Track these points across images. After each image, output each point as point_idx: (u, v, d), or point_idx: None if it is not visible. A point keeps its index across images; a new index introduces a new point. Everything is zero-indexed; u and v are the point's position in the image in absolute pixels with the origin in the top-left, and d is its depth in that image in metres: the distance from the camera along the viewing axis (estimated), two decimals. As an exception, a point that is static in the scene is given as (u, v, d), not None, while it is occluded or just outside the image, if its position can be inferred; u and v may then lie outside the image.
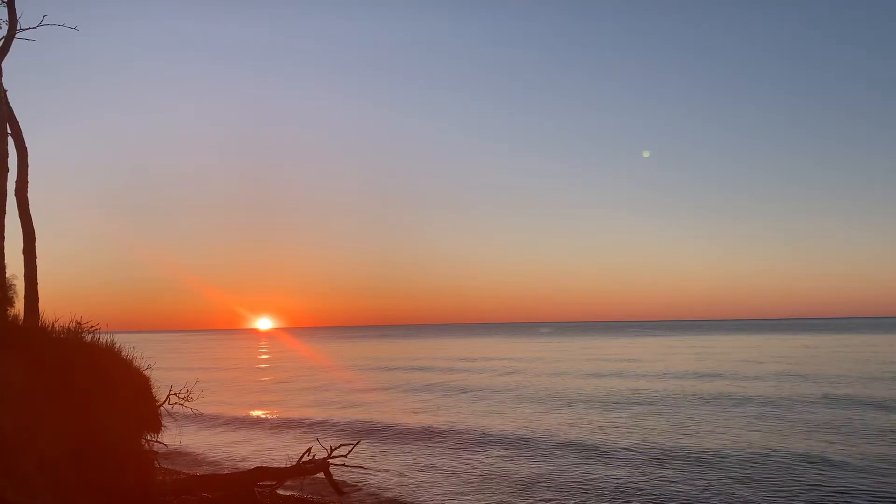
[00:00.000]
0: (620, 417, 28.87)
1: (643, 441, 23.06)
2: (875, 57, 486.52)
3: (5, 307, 14.11)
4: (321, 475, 17.39)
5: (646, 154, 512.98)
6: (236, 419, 31.92)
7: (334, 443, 19.23)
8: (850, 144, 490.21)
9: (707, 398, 34.47)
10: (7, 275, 14.56)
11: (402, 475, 19.46)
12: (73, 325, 13.50)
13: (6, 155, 15.07)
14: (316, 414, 32.97)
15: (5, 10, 15.56)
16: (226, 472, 19.02)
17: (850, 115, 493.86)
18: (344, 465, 17.69)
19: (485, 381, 47.87)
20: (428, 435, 25.66)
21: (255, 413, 34.34)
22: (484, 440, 24.28)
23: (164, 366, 40.02)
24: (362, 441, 22.04)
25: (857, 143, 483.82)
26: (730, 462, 19.74)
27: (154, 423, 13.99)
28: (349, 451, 17.95)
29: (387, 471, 20.00)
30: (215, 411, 32.99)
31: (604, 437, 24.10)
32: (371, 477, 19.09)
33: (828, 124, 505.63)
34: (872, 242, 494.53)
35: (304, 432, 27.15)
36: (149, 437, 14.04)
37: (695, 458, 20.33)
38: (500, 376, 51.90)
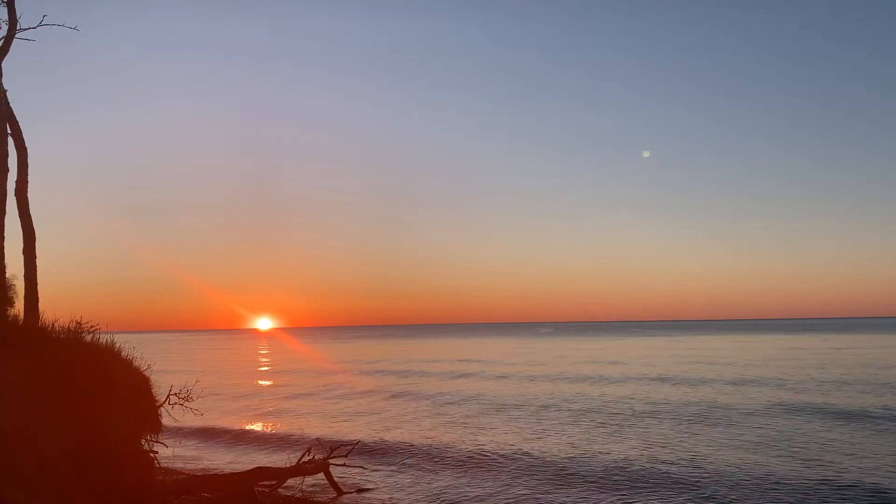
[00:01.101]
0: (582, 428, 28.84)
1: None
2: (875, 57, 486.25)
3: (5, 307, 14.12)
4: (321, 475, 17.40)
5: (646, 154, 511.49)
6: (236, 419, 31.91)
7: (334, 443, 19.26)
8: (850, 144, 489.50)
9: (659, 404, 32.58)
10: (7, 275, 14.56)
11: (402, 476, 19.46)
12: (73, 325, 13.51)
13: (6, 155, 15.08)
14: (316, 414, 32.99)
15: (5, 10, 15.58)
16: (226, 472, 19.01)
17: (850, 115, 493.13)
18: (344, 465, 17.70)
19: (482, 384, 47.89)
20: (429, 436, 25.66)
21: (255, 413, 34.34)
22: (483, 444, 24.29)
23: (164, 366, 40.01)
24: (362, 441, 22.05)
25: (857, 143, 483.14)
26: (627, 478, 18.19)
27: (154, 423, 13.99)
28: (349, 452, 17.96)
29: (387, 471, 20.00)
30: (215, 411, 33.00)
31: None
32: (371, 477, 19.09)
33: (828, 124, 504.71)
34: (872, 242, 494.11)
35: (304, 433, 27.13)
36: (149, 437, 14.05)
37: (594, 474, 18.80)
38: (494, 380, 51.93)
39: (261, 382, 54.08)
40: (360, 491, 17.68)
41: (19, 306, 14.82)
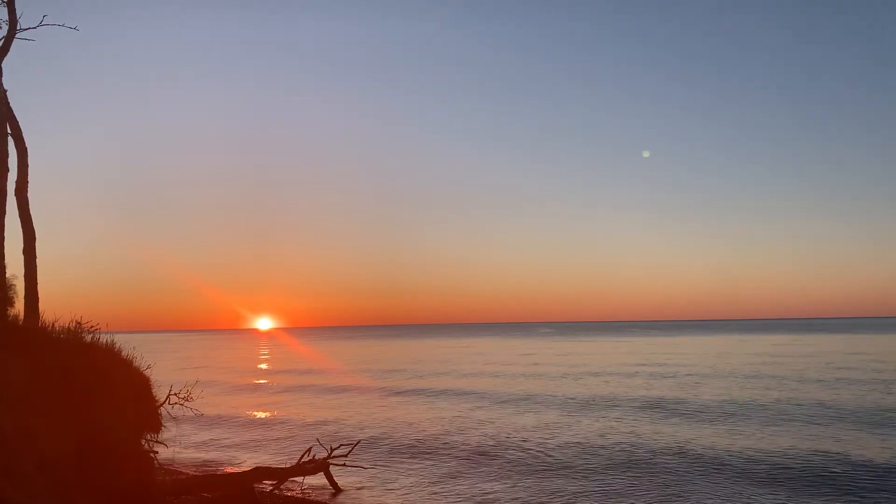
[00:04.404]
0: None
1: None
2: (875, 57, 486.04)
3: (5, 307, 14.12)
4: (321, 475, 17.41)
5: (646, 154, 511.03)
6: (236, 419, 31.92)
7: (334, 443, 19.25)
8: (849, 144, 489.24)
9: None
10: (7, 275, 14.57)
11: (401, 475, 19.46)
12: (73, 325, 13.52)
13: (6, 155, 15.09)
14: (315, 414, 32.98)
15: (5, 10, 15.59)
16: (226, 472, 19.02)
17: (850, 115, 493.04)
18: (344, 465, 17.70)
19: (481, 383, 47.92)
20: (429, 436, 25.67)
21: (255, 413, 34.34)
22: (484, 442, 24.29)
23: (164, 366, 39.98)
24: (362, 441, 22.05)
25: (857, 143, 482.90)
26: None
27: (154, 423, 14.00)
28: (349, 451, 17.96)
29: (387, 471, 20.00)
30: (215, 411, 32.98)
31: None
32: (371, 477, 19.09)
33: (828, 124, 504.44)
34: (873, 242, 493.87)
35: (304, 432, 27.14)
36: (149, 437, 14.05)
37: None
38: (492, 378, 51.94)
39: (260, 382, 54.07)
40: (361, 491, 17.68)
41: (19, 306, 14.83)
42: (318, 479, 17.65)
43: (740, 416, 28.50)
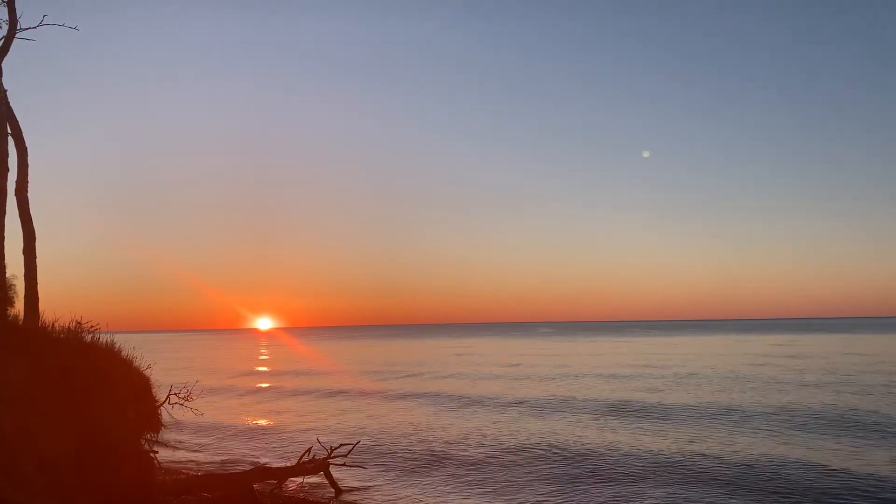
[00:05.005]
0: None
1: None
2: (875, 57, 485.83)
3: (5, 307, 14.12)
4: (321, 475, 17.41)
5: (646, 154, 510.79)
6: (236, 419, 31.91)
7: (334, 443, 19.25)
8: (849, 144, 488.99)
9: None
10: (7, 275, 14.57)
11: (401, 475, 19.47)
12: (73, 325, 13.52)
13: (6, 155, 15.09)
14: (315, 414, 32.98)
15: (5, 10, 15.60)
16: (226, 472, 19.01)
17: (849, 115, 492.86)
18: (344, 465, 17.70)
19: (480, 384, 47.90)
20: (429, 435, 25.66)
21: (255, 413, 34.34)
22: (484, 444, 24.30)
23: (164, 366, 39.93)
24: (362, 441, 22.05)
25: (857, 143, 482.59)
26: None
27: (154, 423, 14.00)
28: (349, 451, 17.95)
29: (387, 471, 20.00)
30: (215, 411, 32.99)
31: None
32: (371, 476, 19.09)
33: (827, 124, 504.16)
34: (873, 242, 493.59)
35: (304, 432, 27.13)
36: (149, 437, 14.06)
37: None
38: (491, 379, 51.91)
39: (259, 382, 54.05)
40: (361, 490, 17.68)
41: (19, 306, 14.83)
42: (319, 479, 17.66)
43: (738, 417, 28.54)
